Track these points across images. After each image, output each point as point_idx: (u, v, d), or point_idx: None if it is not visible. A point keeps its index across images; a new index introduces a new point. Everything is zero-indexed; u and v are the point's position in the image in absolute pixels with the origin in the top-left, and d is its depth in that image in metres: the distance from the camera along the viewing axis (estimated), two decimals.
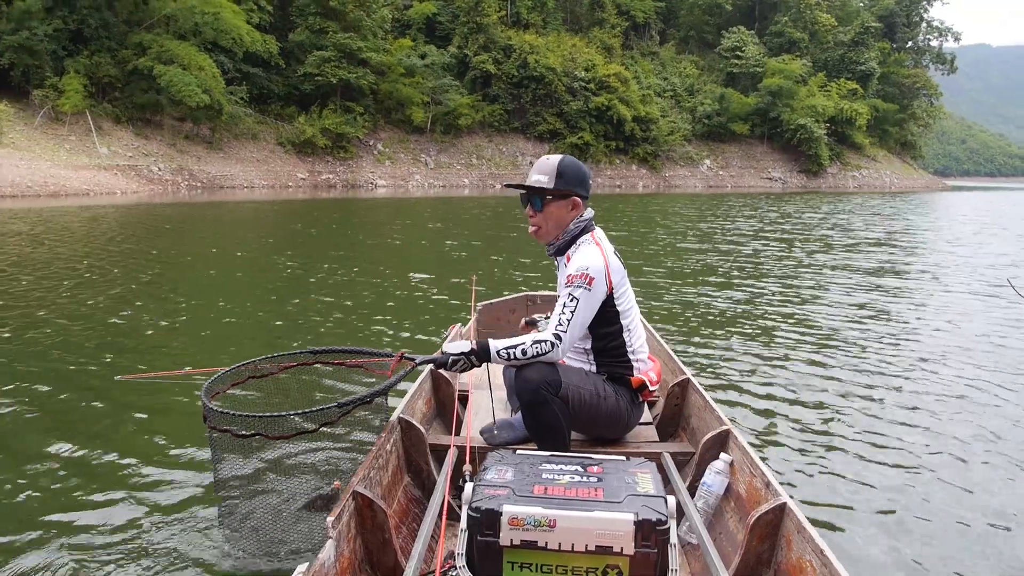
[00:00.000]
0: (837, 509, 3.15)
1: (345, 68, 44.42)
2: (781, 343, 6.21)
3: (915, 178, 77.17)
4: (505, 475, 1.95)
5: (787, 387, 4.94)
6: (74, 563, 2.55)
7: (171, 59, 36.12)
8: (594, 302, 2.60)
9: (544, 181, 2.66)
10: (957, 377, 5.26)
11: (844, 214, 25.58)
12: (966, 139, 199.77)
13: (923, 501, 3.26)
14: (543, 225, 2.72)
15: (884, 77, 74.67)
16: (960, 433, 4.10)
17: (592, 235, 2.72)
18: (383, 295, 8.13)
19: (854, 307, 7.93)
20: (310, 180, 42.82)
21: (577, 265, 2.61)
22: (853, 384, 5.04)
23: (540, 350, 2.53)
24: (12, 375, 4.81)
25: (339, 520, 1.98)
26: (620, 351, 2.75)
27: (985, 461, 3.73)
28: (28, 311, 6.90)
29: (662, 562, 1.76)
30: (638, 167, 58.52)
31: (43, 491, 3.14)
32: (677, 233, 16.96)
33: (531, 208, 2.72)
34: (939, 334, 6.77)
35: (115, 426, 3.94)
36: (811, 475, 3.51)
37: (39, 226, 15.52)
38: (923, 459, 3.73)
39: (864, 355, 5.84)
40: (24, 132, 32.64)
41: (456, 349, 2.54)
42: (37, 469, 3.36)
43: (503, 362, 2.56)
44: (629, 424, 2.81)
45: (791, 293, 8.74)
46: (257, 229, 17.50)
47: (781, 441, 3.95)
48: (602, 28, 64.81)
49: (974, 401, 4.71)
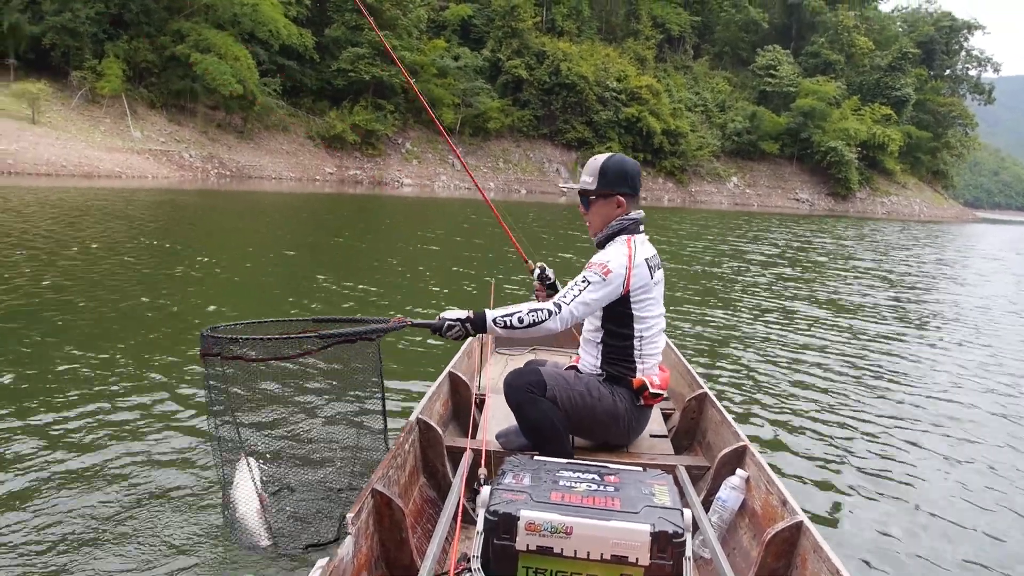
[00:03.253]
0: (854, 530, 3.13)
1: (378, 66, 44.65)
2: (802, 364, 6.16)
3: (945, 208, 76.18)
4: (523, 480, 1.95)
5: (806, 407, 4.91)
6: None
7: (208, 48, 36.50)
8: (605, 294, 2.62)
9: (589, 182, 2.76)
10: (983, 403, 5.21)
11: (881, 245, 25.30)
12: (999, 171, 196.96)
13: (943, 527, 3.23)
14: (592, 223, 2.83)
15: (919, 104, 73.78)
16: (985, 458, 4.06)
17: (630, 237, 2.74)
18: (407, 296, 8.18)
19: (880, 333, 7.85)
20: (337, 175, 43.08)
21: (600, 258, 2.67)
22: (875, 407, 5.00)
23: (537, 318, 2.52)
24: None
25: (358, 517, 1.99)
26: (627, 352, 2.74)
27: (1008, 488, 3.68)
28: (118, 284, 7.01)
29: (677, 575, 1.76)
30: (664, 180, 58.30)
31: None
32: (706, 248, 16.89)
33: (582, 207, 2.83)
34: (964, 360, 6.68)
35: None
36: (828, 495, 3.48)
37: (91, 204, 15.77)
38: (944, 484, 3.69)
39: (888, 379, 5.79)
40: (61, 112, 33.14)
41: (453, 316, 2.54)
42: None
43: (500, 330, 2.53)
44: (631, 427, 2.79)
45: (815, 315, 8.67)
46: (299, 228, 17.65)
47: (798, 459, 3.92)
48: (636, 39, 64.68)
49: (1001, 426, 4.66)
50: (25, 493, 2.96)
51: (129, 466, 3.27)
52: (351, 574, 1.89)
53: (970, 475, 3.81)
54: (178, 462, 3.37)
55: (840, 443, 4.22)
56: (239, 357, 2.21)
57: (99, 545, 2.61)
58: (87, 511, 2.86)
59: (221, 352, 2.21)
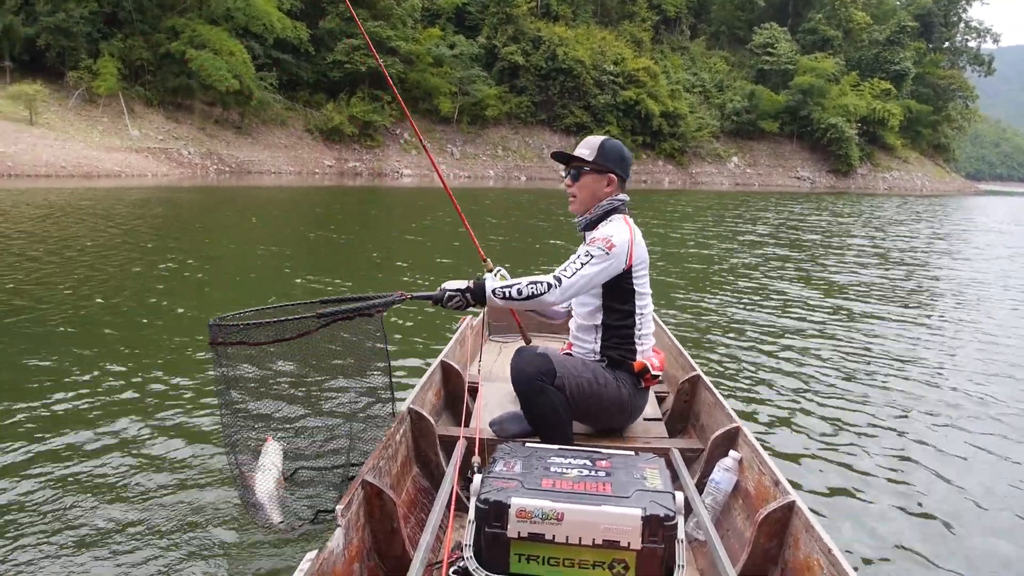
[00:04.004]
0: (845, 509, 3.16)
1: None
2: (794, 344, 6.17)
3: (947, 181, 75.85)
4: (514, 468, 1.97)
5: (798, 387, 4.93)
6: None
7: (203, 44, 36.42)
8: (607, 268, 2.61)
9: (585, 154, 2.74)
10: (979, 384, 5.21)
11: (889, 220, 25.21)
12: (1000, 142, 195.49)
13: (933, 503, 3.25)
14: (580, 198, 2.78)
15: (919, 78, 73.26)
16: (979, 438, 4.08)
17: (624, 216, 2.75)
18: (403, 282, 8.19)
19: (874, 313, 7.85)
20: (336, 167, 43.03)
21: (602, 233, 2.65)
22: (867, 387, 5.02)
23: (536, 290, 2.52)
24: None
25: (348, 508, 1.99)
26: (627, 333, 2.74)
27: (1001, 465, 3.70)
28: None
29: (669, 558, 1.77)
30: (664, 163, 58.11)
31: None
32: (700, 230, 16.87)
33: (570, 179, 2.79)
34: (962, 339, 6.69)
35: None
36: (819, 474, 3.51)
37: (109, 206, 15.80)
38: (936, 462, 3.71)
39: (881, 359, 5.80)
40: (59, 113, 33.12)
41: (453, 286, 2.55)
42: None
43: (499, 301, 2.54)
44: (633, 411, 2.81)
45: (808, 295, 8.68)
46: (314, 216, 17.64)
47: (790, 440, 3.95)
48: (632, 21, 64.28)
49: (994, 406, 4.67)
50: (31, 471, 3.01)
51: (141, 454, 3.32)
52: (342, 565, 1.89)
53: (964, 455, 3.83)
54: (189, 446, 3.43)
55: (832, 423, 4.24)
56: (243, 342, 2.28)
57: (109, 530, 2.66)
58: (100, 492, 2.91)
59: (226, 339, 2.28)
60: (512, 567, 1.79)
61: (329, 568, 1.80)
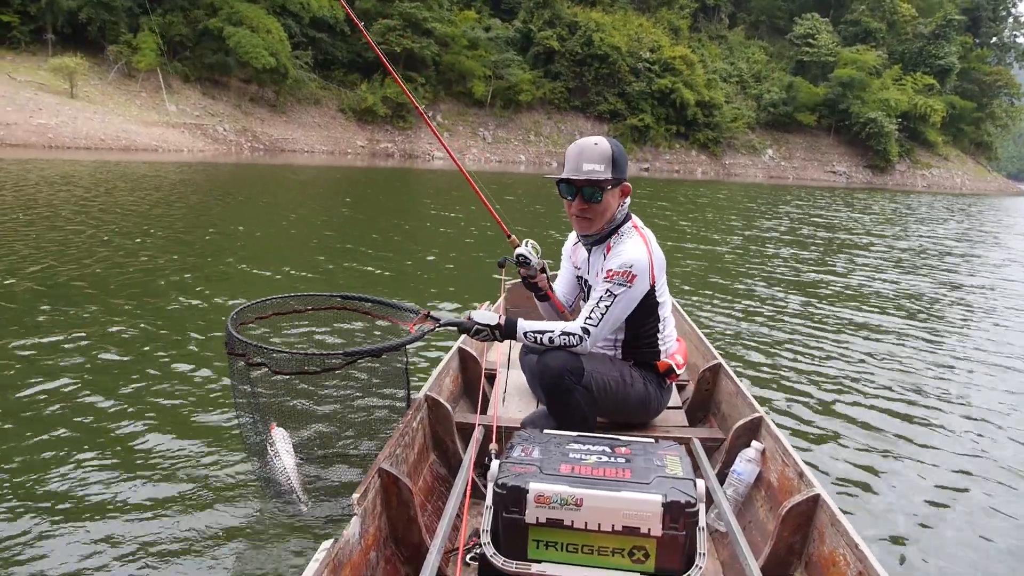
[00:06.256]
0: (871, 504, 3.10)
1: (409, 37, 44.45)
2: (821, 335, 6.08)
3: (988, 180, 74.04)
4: (532, 453, 1.94)
5: (824, 379, 4.85)
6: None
7: (240, 21, 36.71)
8: (632, 300, 2.53)
9: (600, 170, 2.45)
10: (1009, 381, 5.09)
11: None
12: None
13: (966, 503, 3.19)
14: (597, 219, 2.54)
15: (963, 73, 71.41)
16: (1010, 436, 3.99)
17: (634, 224, 2.63)
18: (426, 267, 8.22)
19: (906, 308, 7.70)
20: (369, 148, 43.18)
21: (621, 261, 2.50)
22: (896, 381, 4.92)
23: (567, 342, 2.50)
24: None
25: (364, 497, 1.98)
26: (651, 338, 2.69)
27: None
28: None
29: (690, 545, 1.74)
30: (698, 153, 57.47)
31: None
32: (730, 221, 16.67)
33: (581, 201, 2.50)
34: (994, 339, 6.54)
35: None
36: (845, 467, 3.45)
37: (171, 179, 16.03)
38: (964, 460, 3.64)
39: (910, 354, 5.69)
40: (98, 87, 33.63)
41: (483, 320, 2.53)
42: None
43: (527, 343, 2.56)
44: (658, 409, 2.78)
45: (839, 288, 8.53)
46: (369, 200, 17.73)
47: (815, 431, 3.89)
48: (671, 9, 63.38)
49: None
50: (49, 455, 3.06)
51: (159, 443, 3.34)
52: (359, 554, 1.88)
53: (995, 453, 3.75)
54: (208, 435, 3.44)
55: (859, 416, 4.16)
56: (264, 364, 2.26)
57: (131, 518, 2.69)
58: (124, 482, 2.94)
59: (249, 359, 2.26)
60: (530, 553, 1.77)
61: (346, 556, 1.80)
